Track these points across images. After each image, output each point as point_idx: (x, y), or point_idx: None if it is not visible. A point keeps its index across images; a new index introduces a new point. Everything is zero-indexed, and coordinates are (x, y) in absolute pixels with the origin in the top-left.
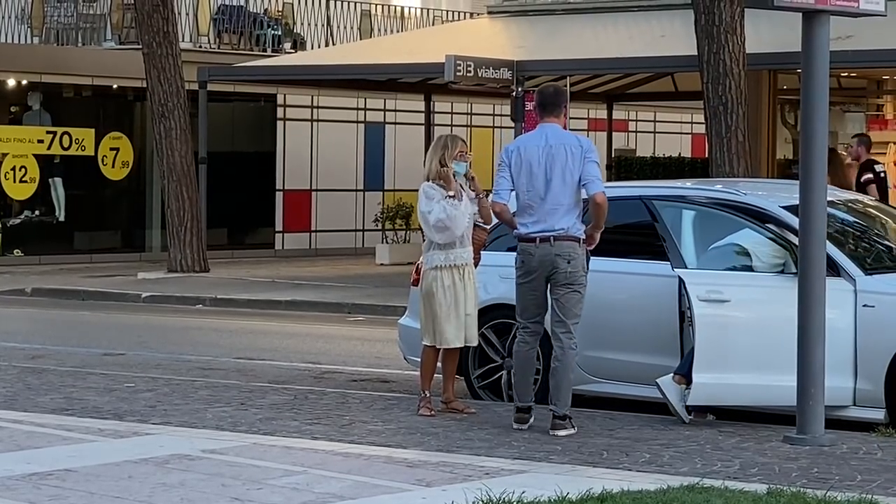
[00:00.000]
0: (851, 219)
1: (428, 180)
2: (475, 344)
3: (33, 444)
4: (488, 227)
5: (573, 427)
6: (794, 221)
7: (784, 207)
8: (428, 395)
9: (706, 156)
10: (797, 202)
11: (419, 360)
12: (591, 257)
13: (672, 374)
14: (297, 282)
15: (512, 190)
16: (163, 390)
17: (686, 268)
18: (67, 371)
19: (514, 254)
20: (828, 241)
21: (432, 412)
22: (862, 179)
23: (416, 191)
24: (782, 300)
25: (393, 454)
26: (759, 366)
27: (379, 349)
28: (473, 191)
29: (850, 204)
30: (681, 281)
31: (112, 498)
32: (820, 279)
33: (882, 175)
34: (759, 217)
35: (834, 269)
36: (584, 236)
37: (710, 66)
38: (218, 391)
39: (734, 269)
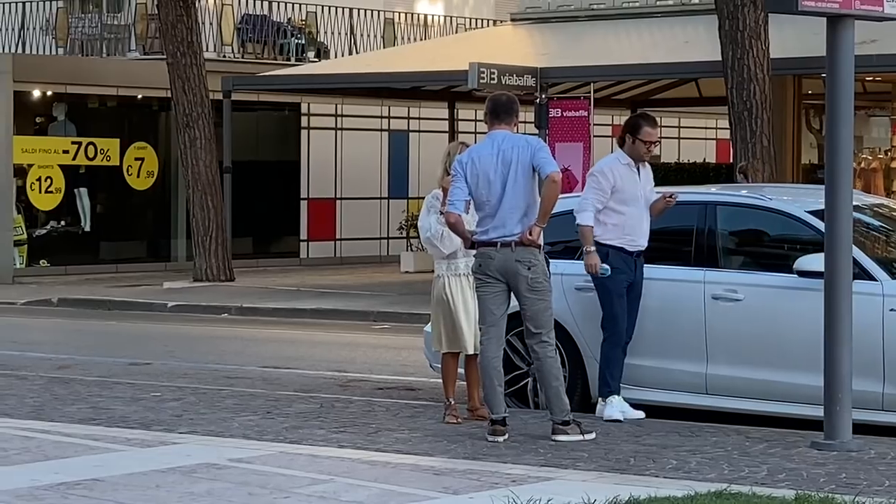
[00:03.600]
0: (877, 223)
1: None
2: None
3: (61, 454)
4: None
5: (581, 433)
6: (820, 226)
7: (810, 212)
8: (453, 402)
9: (731, 161)
10: (823, 207)
11: None
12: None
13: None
14: (323, 290)
15: (468, 200)
16: (189, 399)
17: None
18: (94, 381)
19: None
20: (854, 246)
21: (458, 420)
22: None
23: None
24: (792, 300)
25: (419, 462)
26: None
27: (405, 357)
28: None
29: (875, 208)
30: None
31: None
32: (846, 284)
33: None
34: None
35: (860, 273)
36: (542, 242)
37: (734, 72)
38: (244, 400)
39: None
